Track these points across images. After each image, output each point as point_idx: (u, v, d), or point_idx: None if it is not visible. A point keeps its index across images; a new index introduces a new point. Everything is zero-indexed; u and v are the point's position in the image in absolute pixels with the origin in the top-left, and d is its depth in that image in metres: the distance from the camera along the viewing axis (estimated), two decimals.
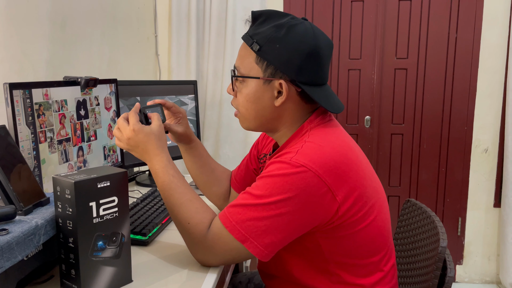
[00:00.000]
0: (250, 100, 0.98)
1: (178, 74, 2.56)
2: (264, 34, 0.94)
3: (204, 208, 0.95)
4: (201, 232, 0.92)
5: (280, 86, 0.95)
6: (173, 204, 0.95)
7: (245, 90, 0.99)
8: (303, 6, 2.58)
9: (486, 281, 2.70)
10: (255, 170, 1.24)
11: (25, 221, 0.78)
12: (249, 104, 0.99)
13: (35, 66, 1.44)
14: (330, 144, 0.91)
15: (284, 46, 0.93)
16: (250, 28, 0.99)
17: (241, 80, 0.99)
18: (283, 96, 0.96)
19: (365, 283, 0.96)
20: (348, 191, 0.89)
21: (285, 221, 0.86)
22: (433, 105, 2.58)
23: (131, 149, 1.01)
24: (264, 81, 0.96)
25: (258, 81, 0.97)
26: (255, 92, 0.97)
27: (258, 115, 1.00)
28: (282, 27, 0.93)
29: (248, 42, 0.97)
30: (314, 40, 0.94)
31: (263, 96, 0.97)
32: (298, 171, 0.86)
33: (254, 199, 0.88)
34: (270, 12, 0.97)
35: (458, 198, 2.64)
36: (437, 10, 2.50)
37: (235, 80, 1.01)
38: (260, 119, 1.00)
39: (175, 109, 1.19)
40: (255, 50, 0.95)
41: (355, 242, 0.94)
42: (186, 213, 0.94)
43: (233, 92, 1.03)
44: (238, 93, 1.01)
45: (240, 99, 1.01)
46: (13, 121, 1.01)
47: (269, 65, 0.95)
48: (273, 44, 0.93)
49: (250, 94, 0.98)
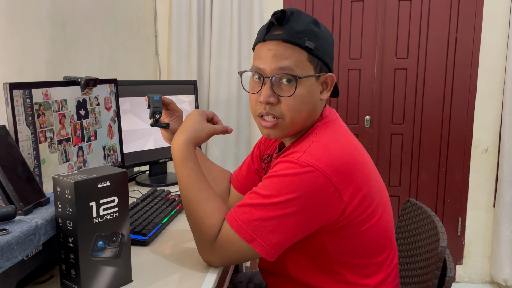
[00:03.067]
0: (305, 101, 0.94)
1: (178, 74, 2.56)
2: (309, 31, 0.92)
3: (220, 209, 0.94)
4: (213, 234, 0.91)
5: (327, 79, 0.98)
6: (189, 200, 0.94)
7: (299, 91, 0.93)
8: (303, 6, 2.58)
9: (486, 281, 2.70)
10: (257, 171, 1.24)
11: (25, 221, 0.78)
12: (303, 105, 0.94)
13: (35, 66, 1.44)
14: (337, 144, 0.92)
15: (326, 41, 0.95)
16: (285, 28, 0.91)
17: (291, 83, 0.92)
18: (329, 89, 0.98)
19: (369, 283, 0.96)
20: (354, 191, 0.89)
21: (292, 221, 0.86)
22: (433, 105, 2.58)
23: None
24: (316, 78, 0.96)
25: (311, 79, 0.95)
26: (309, 92, 0.95)
27: (307, 115, 0.97)
28: (316, 23, 0.95)
29: (297, 41, 0.91)
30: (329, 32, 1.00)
31: (315, 94, 0.96)
32: (306, 171, 0.86)
33: (261, 199, 0.87)
34: (294, 10, 0.95)
35: (458, 198, 2.64)
36: (437, 10, 2.50)
37: (280, 84, 0.93)
38: (306, 119, 0.97)
39: (172, 107, 1.19)
40: (311, 47, 0.92)
41: (360, 242, 0.94)
42: (202, 212, 0.92)
43: (273, 99, 0.93)
44: (285, 98, 0.93)
45: (291, 103, 0.93)
46: (13, 121, 1.01)
47: (319, 61, 0.95)
48: (320, 40, 0.94)
49: (305, 95, 0.94)
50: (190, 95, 1.92)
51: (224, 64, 2.53)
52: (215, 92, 2.55)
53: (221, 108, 2.56)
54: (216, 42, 2.51)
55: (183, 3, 2.51)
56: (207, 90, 2.58)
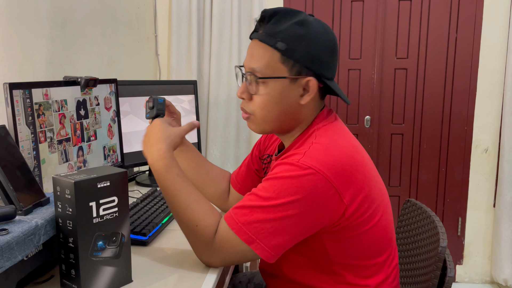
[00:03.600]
0: (274, 101, 0.95)
1: (178, 74, 2.56)
2: (287, 32, 0.91)
3: (211, 210, 0.94)
4: (209, 235, 0.91)
5: (307, 83, 0.94)
6: (179, 206, 0.93)
7: (267, 91, 0.94)
8: (303, 6, 2.58)
9: (486, 281, 2.70)
10: (256, 171, 1.24)
11: (25, 221, 0.78)
12: (272, 105, 0.95)
13: (35, 66, 1.44)
14: (337, 145, 0.91)
15: (310, 43, 0.92)
16: (265, 27, 0.94)
17: (261, 81, 0.95)
18: (310, 93, 0.94)
19: (370, 283, 0.96)
20: (355, 193, 0.89)
21: (293, 223, 0.86)
22: (433, 105, 2.58)
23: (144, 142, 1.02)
24: (291, 80, 0.94)
25: (283, 81, 0.94)
26: (281, 92, 0.94)
27: (281, 115, 0.97)
28: (302, 24, 0.92)
29: (269, 41, 0.92)
30: (331, 34, 0.96)
31: (289, 96, 0.95)
32: (306, 173, 0.85)
33: (261, 201, 0.87)
34: (284, 9, 0.95)
35: (458, 198, 2.64)
36: (437, 10, 2.50)
37: (251, 82, 0.96)
38: (282, 119, 0.97)
39: (171, 108, 1.18)
40: (281, 48, 0.91)
41: (361, 243, 0.94)
42: (194, 215, 0.92)
43: (246, 95, 0.98)
44: (255, 96, 0.96)
45: (259, 101, 0.96)
46: (13, 121, 1.01)
47: (296, 63, 0.93)
48: (299, 41, 0.91)
49: (274, 95, 0.94)
50: (190, 95, 1.92)
51: (224, 64, 2.53)
52: (215, 92, 2.55)
53: (221, 108, 2.56)
54: (216, 42, 2.51)
55: (183, 3, 2.51)
56: (207, 90, 2.58)
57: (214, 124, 2.59)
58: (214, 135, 2.60)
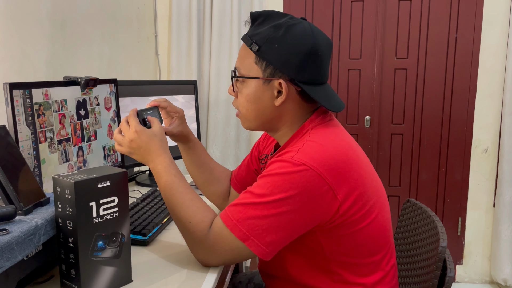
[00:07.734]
0: (250, 100, 0.99)
1: (178, 74, 2.57)
2: (262, 34, 0.95)
3: (205, 208, 0.96)
4: (202, 231, 0.92)
5: (280, 85, 0.96)
6: (175, 204, 0.96)
7: (245, 90, 1.00)
8: (303, 6, 2.58)
9: (486, 281, 2.70)
10: (256, 171, 1.24)
11: (25, 221, 0.78)
12: (249, 104, 1.00)
13: (35, 66, 1.44)
14: (331, 143, 0.92)
15: (282, 46, 0.93)
16: (250, 29, 1.00)
17: (241, 80, 1.00)
18: (283, 96, 0.96)
19: (366, 282, 0.96)
20: (349, 190, 0.89)
21: (287, 219, 0.86)
22: (433, 105, 2.58)
23: (132, 152, 1.01)
24: (264, 81, 0.97)
25: (258, 81, 0.97)
26: (255, 92, 0.98)
27: (258, 115, 1.01)
28: (280, 27, 0.94)
29: (247, 42, 0.98)
30: (312, 39, 0.94)
31: (263, 96, 0.98)
32: (299, 169, 0.86)
33: (255, 197, 0.88)
34: (268, 12, 0.98)
35: (458, 198, 2.64)
36: (437, 10, 2.50)
37: (235, 81, 1.02)
38: (261, 118, 1.01)
39: (170, 109, 1.18)
40: (254, 50, 0.96)
41: (356, 241, 0.94)
42: (188, 212, 0.94)
43: (234, 93, 1.04)
44: (238, 94, 1.02)
45: (240, 99, 1.02)
46: (13, 121, 1.01)
47: (268, 65, 0.95)
48: (271, 44, 0.94)
49: (250, 94, 0.99)
50: (190, 95, 1.92)
51: (224, 64, 2.54)
52: (215, 92, 2.56)
53: (221, 108, 2.57)
54: (216, 42, 2.52)
55: (183, 3, 2.51)
56: (207, 90, 2.59)
57: (214, 124, 2.59)
58: (214, 135, 2.60)
